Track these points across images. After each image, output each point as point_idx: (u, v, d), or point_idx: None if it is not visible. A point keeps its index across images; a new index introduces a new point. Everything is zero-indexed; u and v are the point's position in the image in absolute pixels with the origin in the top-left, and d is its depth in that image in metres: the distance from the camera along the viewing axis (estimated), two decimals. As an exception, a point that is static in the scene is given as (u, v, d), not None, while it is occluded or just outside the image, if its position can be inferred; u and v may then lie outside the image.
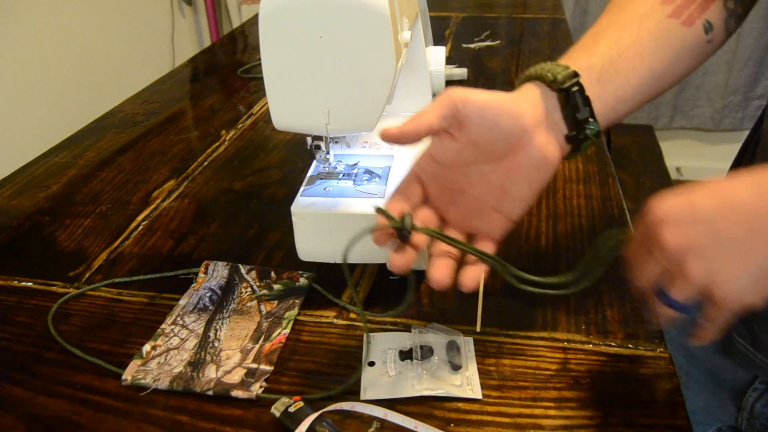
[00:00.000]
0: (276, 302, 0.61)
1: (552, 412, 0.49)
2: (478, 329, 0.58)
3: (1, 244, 0.73)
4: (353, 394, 0.51)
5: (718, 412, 0.64)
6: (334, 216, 0.60)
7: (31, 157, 0.93)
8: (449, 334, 0.56)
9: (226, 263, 0.66)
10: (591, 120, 0.49)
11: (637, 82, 0.52)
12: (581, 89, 0.49)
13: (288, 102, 0.54)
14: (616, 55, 0.51)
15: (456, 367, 0.52)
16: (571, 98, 0.48)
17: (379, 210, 0.47)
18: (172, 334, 0.57)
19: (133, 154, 0.93)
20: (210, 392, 0.51)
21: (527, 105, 0.48)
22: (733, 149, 0.70)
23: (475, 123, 0.46)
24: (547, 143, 0.48)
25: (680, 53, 0.54)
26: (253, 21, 1.66)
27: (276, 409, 0.48)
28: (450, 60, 1.24)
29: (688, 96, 2.42)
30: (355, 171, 0.66)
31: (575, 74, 0.49)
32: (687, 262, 0.38)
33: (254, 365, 0.54)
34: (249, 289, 0.63)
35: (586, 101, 0.49)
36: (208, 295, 0.62)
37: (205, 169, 0.88)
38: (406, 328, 0.58)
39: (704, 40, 0.54)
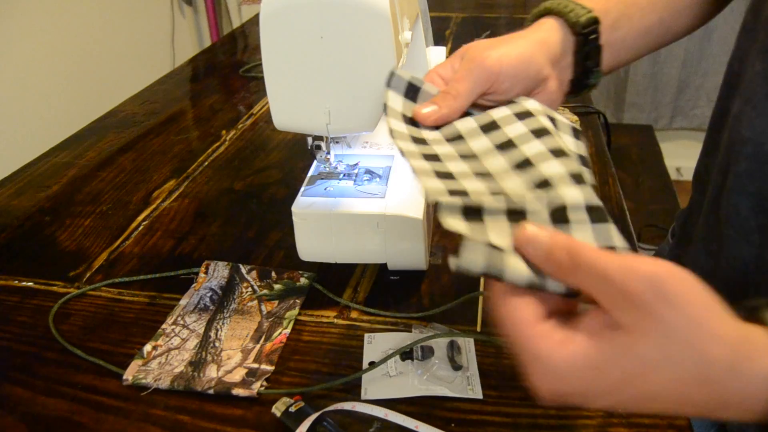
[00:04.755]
0: (276, 302, 0.61)
1: (552, 412, 0.49)
2: (478, 329, 0.58)
3: (1, 244, 0.73)
4: (354, 394, 0.51)
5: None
6: (335, 216, 0.60)
7: (32, 157, 0.93)
8: (450, 334, 0.56)
9: (226, 263, 0.66)
10: (596, 69, 0.50)
11: (645, 31, 0.52)
12: (597, 37, 0.49)
13: (289, 102, 0.54)
14: (630, 1, 0.51)
15: (456, 367, 0.53)
16: (587, 45, 0.49)
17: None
18: (172, 334, 0.57)
19: (134, 154, 0.93)
20: (211, 391, 0.51)
21: (546, 52, 0.48)
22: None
23: (503, 81, 0.46)
24: (556, 88, 0.49)
25: (687, 7, 0.55)
26: (254, 21, 1.66)
27: (277, 409, 0.48)
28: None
29: (688, 96, 2.42)
30: (355, 171, 0.66)
31: (596, 20, 0.48)
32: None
33: (255, 365, 0.54)
34: (249, 289, 0.63)
35: (599, 49, 0.50)
36: (208, 295, 0.62)
37: (205, 169, 0.89)
38: (407, 328, 0.58)
39: (709, 0, 0.56)
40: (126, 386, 0.52)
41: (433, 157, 0.41)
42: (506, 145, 0.41)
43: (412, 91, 0.45)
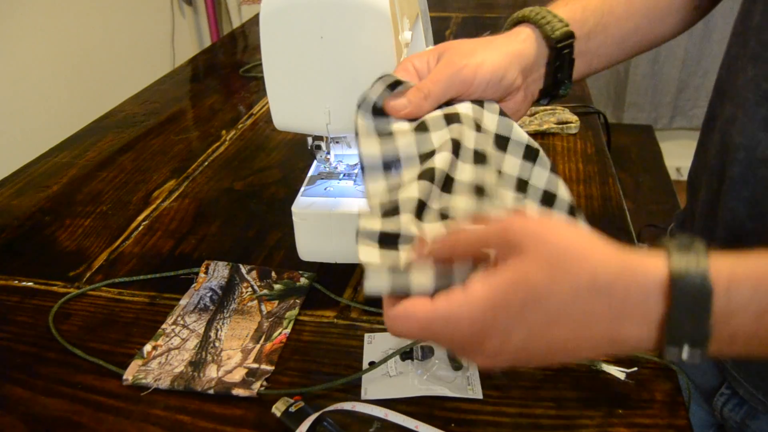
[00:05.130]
0: (277, 302, 0.61)
1: (552, 412, 0.49)
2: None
3: (1, 244, 0.73)
4: (354, 394, 0.51)
5: (702, 413, 0.65)
6: (335, 216, 0.60)
7: (32, 157, 0.93)
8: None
9: (226, 263, 0.66)
10: (567, 81, 0.51)
11: (620, 40, 0.53)
12: (571, 51, 0.50)
13: (289, 102, 0.54)
14: (607, 9, 0.51)
15: (457, 367, 0.53)
16: (560, 59, 0.50)
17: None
18: (172, 334, 0.57)
19: (134, 154, 0.93)
20: (211, 391, 0.51)
21: (520, 64, 0.48)
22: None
23: (475, 90, 0.47)
24: (524, 97, 0.50)
25: (667, 15, 0.55)
26: (254, 21, 1.66)
27: (277, 409, 0.48)
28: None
29: (688, 96, 2.42)
30: (355, 171, 0.66)
31: (571, 35, 0.49)
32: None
33: (255, 365, 0.54)
34: (249, 288, 0.63)
35: (571, 63, 0.50)
36: (208, 295, 0.62)
37: (205, 169, 0.89)
38: (407, 328, 0.58)
39: (692, 6, 0.56)
40: (126, 386, 0.52)
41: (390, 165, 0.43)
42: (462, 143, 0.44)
43: (392, 86, 0.46)
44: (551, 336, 0.34)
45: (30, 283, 0.66)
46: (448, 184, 0.42)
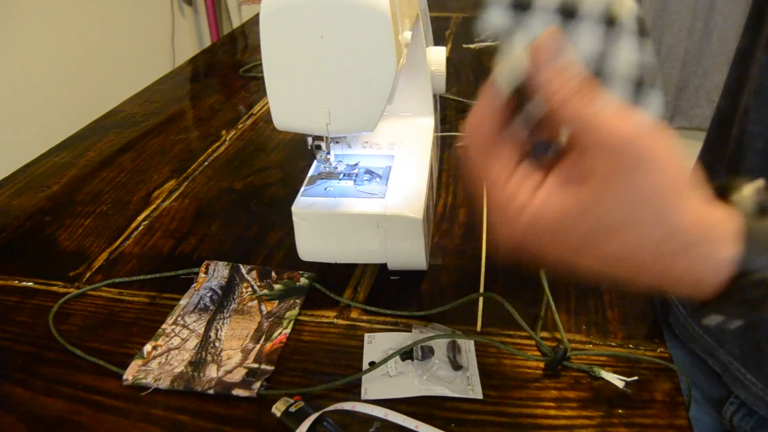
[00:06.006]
0: (277, 302, 0.61)
1: (552, 412, 0.49)
2: (478, 329, 0.58)
3: (1, 244, 0.73)
4: (354, 394, 0.51)
5: (707, 419, 0.65)
6: (335, 216, 0.60)
7: (32, 157, 0.93)
8: (450, 334, 0.56)
9: (226, 263, 0.66)
10: None
11: None
12: None
13: (289, 102, 0.54)
14: None
15: (456, 367, 0.53)
16: None
17: None
18: (173, 334, 0.57)
19: (134, 154, 0.93)
20: (211, 391, 0.51)
21: None
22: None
23: None
24: None
25: None
26: (254, 21, 1.66)
27: (277, 409, 0.48)
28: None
29: (688, 96, 2.42)
30: (355, 171, 0.66)
31: None
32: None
33: (255, 365, 0.54)
34: (250, 289, 0.63)
35: None
36: (208, 295, 0.62)
37: (205, 169, 0.89)
38: (407, 328, 0.58)
39: None
40: (126, 386, 0.52)
41: None
42: None
43: None
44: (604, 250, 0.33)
45: (30, 283, 0.66)
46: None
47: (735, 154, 0.52)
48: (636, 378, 0.51)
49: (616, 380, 0.51)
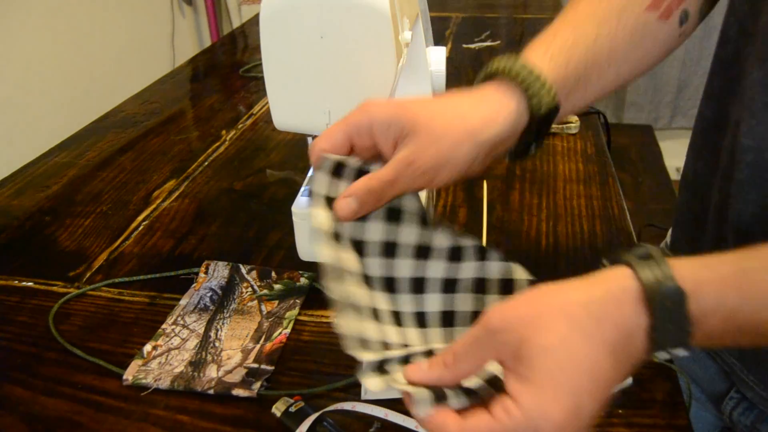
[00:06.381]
0: (277, 302, 0.61)
1: (552, 412, 0.49)
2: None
3: (1, 244, 0.73)
4: (354, 394, 0.51)
5: (707, 416, 0.65)
6: (335, 216, 0.60)
7: (32, 157, 0.93)
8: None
9: (226, 263, 0.66)
10: (535, 145, 0.48)
11: (600, 89, 0.50)
12: (550, 125, 0.46)
13: (289, 102, 0.54)
14: (591, 62, 0.48)
15: (456, 367, 0.52)
16: (538, 128, 0.46)
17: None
18: (173, 334, 0.57)
19: (134, 154, 0.93)
20: (211, 391, 0.51)
21: (489, 146, 0.43)
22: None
23: (433, 179, 0.43)
24: (482, 164, 0.45)
25: (650, 51, 0.52)
26: (254, 21, 1.66)
27: (277, 409, 0.48)
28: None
29: (688, 96, 2.42)
30: (355, 171, 0.66)
31: (557, 108, 0.45)
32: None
33: (255, 365, 0.54)
34: (249, 289, 0.63)
35: (547, 131, 0.47)
36: (208, 295, 0.62)
37: (205, 169, 0.89)
38: (407, 328, 0.58)
39: (677, 33, 0.53)
40: (126, 386, 0.52)
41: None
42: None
43: (338, 170, 0.42)
44: (605, 378, 0.35)
45: (30, 283, 0.66)
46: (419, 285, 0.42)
47: (728, 166, 0.52)
48: (630, 381, 0.51)
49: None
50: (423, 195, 0.61)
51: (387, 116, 0.41)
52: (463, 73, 1.21)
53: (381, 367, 0.37)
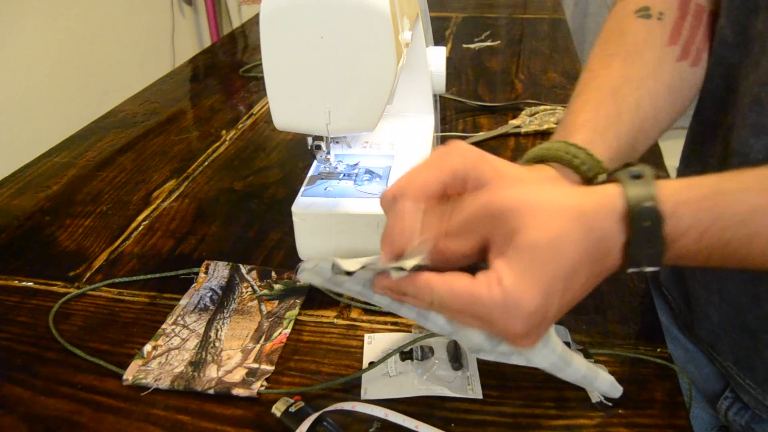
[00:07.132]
0: (277, 302, 0.61)
1: (552, 412, 0.49)
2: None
3: (1, 244, 0.73)
4: (354, 394, 0.51)
5: (704, 415, 0.65)
6: (335, 216, 0.60)
7: (32, 157, 0.93)
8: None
9: (226, 263, 0.66)
10: None
11: (645, 148, 0.51)
12: None
13: (289, 102, 0.54)
14: (637, 128, 0.48)
15: (456, 367, 0.53)
16: None
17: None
18: (173, 334, 0.57)
19: (134, 154, 0.93)
20: (211, 391, 0.51)
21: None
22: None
23: None
24: None
25: (686, 97, 0.53)
26: (254, 21, 1.66)
27: (277, 409, 0.48)
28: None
29: (688, 96, 2.42)
30: (355, 171, 0.66)
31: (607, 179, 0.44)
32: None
33: (255, 365, 0.54)
34: (250, 288, 0.63)
35: None
36: (208, 295, 0.62)
37: (205, 169, 0.89)
38: (407, 328, 0.58)
39: (704, 71, 0.54)
40: (126, 386, 0.52)
41: None
42: None
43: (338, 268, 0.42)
44: (577, 286, 0.38)
45: (30, 283, 0.66)
46: None
47: (722, 170, 0.53)
48: (621, 390, 0.50)
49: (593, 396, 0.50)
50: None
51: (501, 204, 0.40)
52: (463, 73, 1.21)
53: (335, 266, 0.41)
